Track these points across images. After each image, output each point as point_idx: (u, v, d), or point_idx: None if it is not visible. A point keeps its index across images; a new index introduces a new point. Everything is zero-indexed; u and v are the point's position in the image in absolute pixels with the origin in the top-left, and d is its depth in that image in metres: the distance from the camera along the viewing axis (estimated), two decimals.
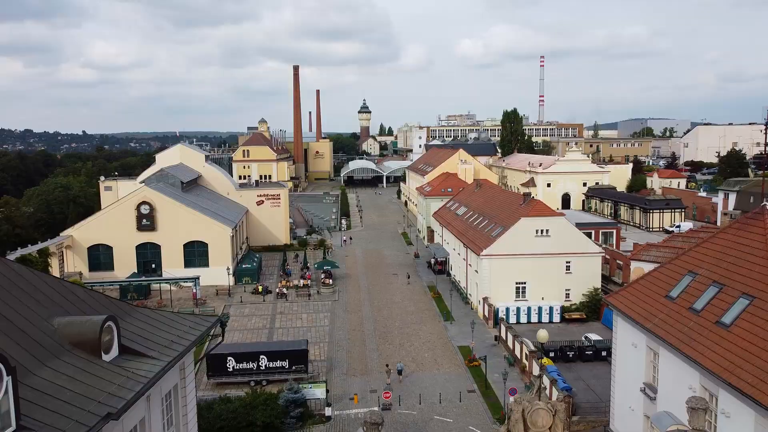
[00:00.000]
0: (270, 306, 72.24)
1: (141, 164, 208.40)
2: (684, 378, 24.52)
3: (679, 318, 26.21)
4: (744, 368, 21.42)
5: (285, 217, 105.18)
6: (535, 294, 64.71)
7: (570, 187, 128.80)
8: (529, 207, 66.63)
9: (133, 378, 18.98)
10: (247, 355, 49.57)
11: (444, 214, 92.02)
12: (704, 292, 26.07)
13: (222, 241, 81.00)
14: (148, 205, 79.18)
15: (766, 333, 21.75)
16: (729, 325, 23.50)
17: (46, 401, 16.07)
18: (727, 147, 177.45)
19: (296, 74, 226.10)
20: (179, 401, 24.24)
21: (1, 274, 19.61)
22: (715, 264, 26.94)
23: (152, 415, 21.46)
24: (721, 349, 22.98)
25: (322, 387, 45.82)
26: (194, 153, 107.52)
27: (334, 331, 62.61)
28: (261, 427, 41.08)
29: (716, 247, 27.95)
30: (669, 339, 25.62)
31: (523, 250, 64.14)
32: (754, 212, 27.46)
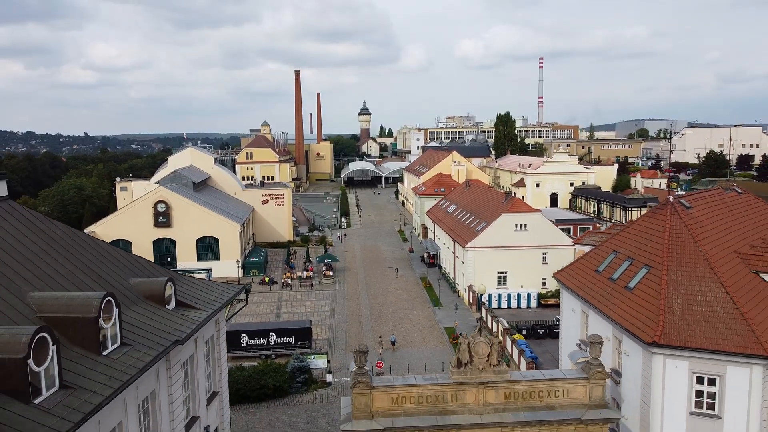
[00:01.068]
0: (276, 294, 79.63)
1: (148, 166, 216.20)
2: (603, 331, 31.79)
3: (602, 286, 33.47)
4: (637, 318, 28.68)
5: (288, 215, 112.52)
6: (515, 282, 72.04)
7: (558, 187, 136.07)
8: (509, 204, 74.03)
9: (189, 321, 26.39)
10: (258, 333, 56.92)
11: (436, 211, 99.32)
12: (620, 265, 33.31)
13: (231, 237, 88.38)
14: (164, 204, 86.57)
15: (655, 292, 28.99)
16: (633, 288, 30.72)
17: (136, 330, 23.46)
18: (714, 148, 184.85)
19: (298, 79, 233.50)
20: (215, 347, 31.70)
21: (92, 247, 27.07)
22: (631, 244, 34.19)
23: (198, 354, 28.88)
24: (625, 306, 30.23)
25: (324, 357, 53.21)
26: (204, 155, 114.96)
27: (334, 316, 69.94)
28: (272, 390, 48.41)
29: (634, 231, 35.26)
30: (594, 303, 32.93)
31: (504, 242, 71.49)
32: (662, 204, 34.67)
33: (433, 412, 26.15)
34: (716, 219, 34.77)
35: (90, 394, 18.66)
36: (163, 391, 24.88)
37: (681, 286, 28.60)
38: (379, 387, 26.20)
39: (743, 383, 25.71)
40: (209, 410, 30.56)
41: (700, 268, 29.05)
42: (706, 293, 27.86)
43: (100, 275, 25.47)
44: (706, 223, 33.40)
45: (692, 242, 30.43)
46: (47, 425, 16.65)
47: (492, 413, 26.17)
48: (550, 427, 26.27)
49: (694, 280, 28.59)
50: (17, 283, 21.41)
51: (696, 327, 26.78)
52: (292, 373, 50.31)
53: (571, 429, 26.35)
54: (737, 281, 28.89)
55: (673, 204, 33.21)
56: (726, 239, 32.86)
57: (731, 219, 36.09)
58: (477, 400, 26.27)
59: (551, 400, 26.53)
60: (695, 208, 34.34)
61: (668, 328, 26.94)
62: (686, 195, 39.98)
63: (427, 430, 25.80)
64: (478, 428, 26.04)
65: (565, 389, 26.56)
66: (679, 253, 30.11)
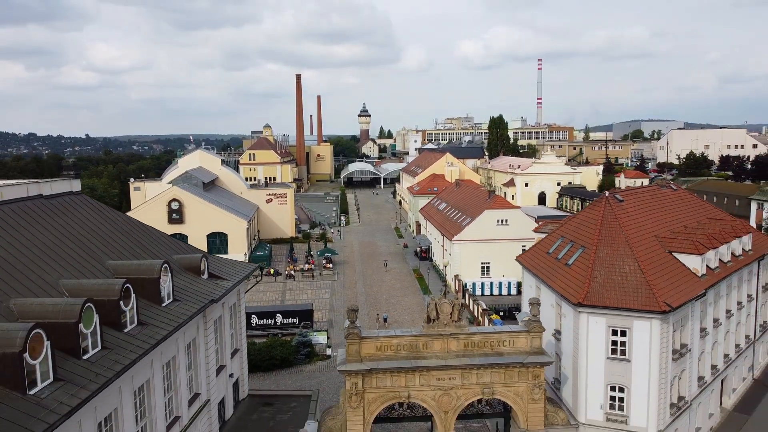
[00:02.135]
0: (281, 284, 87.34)
1: (153, 167, 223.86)
2: (550, 299, 39.47)
3: (550, 265, 41.05)
4: (571, 287, 36.29)
5: (291, 213, 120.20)
6: (497, 272, 79.65)
7: (545, 187, 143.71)
8: (492, 201, 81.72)
9: (219, 287, 34.12)
10: (266, 314, 64.64)
11: (428, 209, 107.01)
12: (564, 247, 40.87)
13: (239, 232, 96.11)
14: (178, 202, 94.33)
15: (585, 266, 36.53)
16: (571, 264, 38.31)
17: (182, 291, 31.14)
18: (700, 149, 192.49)
19: (299, 82, 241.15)
20: (236, 313, 39.46)
21: (144, 230, 34.84)
22: (574, 231, 41.76)
23: (224, 316, 36.61)
24: (564, 278, 37.82)
25: (324, 334, 60.92)
26: (211, 157, 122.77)
27: (334, 302, 77.61)
28: (279, 361, 56.06)
29: (577, 220, 42.89)
30: (543, 277, 40.56)
31: (486, 236, 79.15)
32: (599, 197, 42.23)
33: (409, 357, 33.77)
34: (645, 210, 42.45)
35: (152, 327, 26.37)
36: (201, 339, 32.66)
37: (605, 261, 36.28)
38: (366, 337, 33.87)
39: (645, 333, 33.38)
40: (233, 362, 38.35)
41: (622, 247, 36.71)
42: (623, 266, 35.52)
43: (153, 251, 33.29)
44: (634, 213, 41.07)
45: (618, 228, 38.09)
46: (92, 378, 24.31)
47: (454, 358, 33.81)
48: (500, 369, 33.90)
49: (616, 257, 36.26)
50: (98, 254, 29.19)
51: (612, 291, 34.46)
52: (297, 347, 57.96)
53: (515, 371, 33.97)
54: (650, 258, 36.56)
55: (608, 198, 40.90)
56: (650, 226, 40.55)
57: (659, 210, 43.79)
58: (442, 348, 33.91)
59: (500, 348, 34.16)
60: (627, 201, 42.00)
61: (591, 293, 34.63)
62: (622, 191, 47.65)
63: (404, 371, 33.46)
64: (443, 370, 33.69)
65: (511, 340, 34.19)
66: (607, 236, 37.78)
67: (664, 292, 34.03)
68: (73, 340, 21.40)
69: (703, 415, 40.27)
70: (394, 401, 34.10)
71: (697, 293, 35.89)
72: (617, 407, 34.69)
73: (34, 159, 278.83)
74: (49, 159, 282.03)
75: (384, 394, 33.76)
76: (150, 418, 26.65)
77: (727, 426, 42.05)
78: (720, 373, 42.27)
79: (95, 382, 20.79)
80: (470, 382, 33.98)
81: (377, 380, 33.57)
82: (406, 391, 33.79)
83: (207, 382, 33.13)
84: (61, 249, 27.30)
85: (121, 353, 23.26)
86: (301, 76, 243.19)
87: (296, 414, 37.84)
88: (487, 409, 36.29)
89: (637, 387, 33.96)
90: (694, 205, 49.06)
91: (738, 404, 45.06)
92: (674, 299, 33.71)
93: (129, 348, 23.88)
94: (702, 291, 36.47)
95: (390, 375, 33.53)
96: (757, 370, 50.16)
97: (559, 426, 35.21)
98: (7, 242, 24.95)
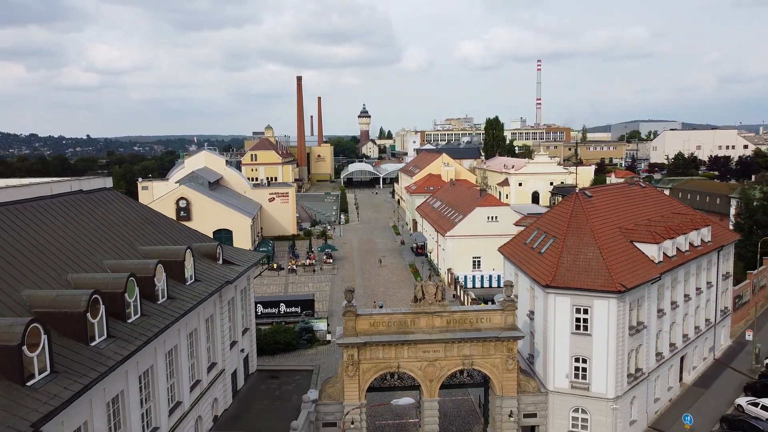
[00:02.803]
0: (283, 278, 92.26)
1: (157, 167, 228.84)
2: (525, 284, 44.39)
3: (527, 253, 45.93)
4: (542, 271, 41.14)
5: (292, 211, 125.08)
6: (488, 266, 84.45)
7: (539, 186, 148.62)
8: (482, 199, 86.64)
9: (233, 271, 39.05)
10: (271, 303, 69.51)
11: (424, 207, 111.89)
12: (539, 238, 45.75)
13: (243, 229, 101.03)
14: (185, 200, 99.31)
15: (555, 253, 41.45)
16: (543, 252, 43.19)
17: (202, 273, 36.06)
18: (692, 150, 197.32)
19: (299, 85, 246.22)
20: (247, 296, 44.39)
21: (167, 222, 39.81)
22: (548, 223, 46.62)
23: (236, 298, 41.55)
24: (537, 265, 42.67)
25: (324, 321, 65.80)
26: (216, 158, 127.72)
27: (333, 294, 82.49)
28: (283, 345, 60.88)
29: (551, 214, 47.79)
30: (520, 265, 45.46)
31: (477, 231, 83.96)
32: (571, 194, 47.07)
33: (398, 332, 38.65)
34: (611, 205, 47.35)
35: (179, 301, 31.28)
36: (218, 316, 37.62)
37: (572, 249, 41.16)
38: (361, 315, 38.77)
39: (604, 311, 38.26)
40: (243, 339, 43.34)
41: (587, 237, 41.59)
42: (587, 253, 40.40)
43: (175, 239, 38.23)
44: (602, 208, 45.96)
45: (585, 220, 42.96)
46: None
47: (438, 333, 38.69)
48: (478, 343, 38.79)
49: (581, 245, 41.13)
50: (130, 241, 34.15)
51: (576, 275, 39.35)
52: (299, 332, 62.82)
53: (491, 344, 38.86)
54: (611, 246, 41.45)
55: (578, 194, 45.81)
56: (615, 219, 45.44)
57: (626, 205, 48.70)
58: (428, 324, 38.81)
59: (479, 324, 39.03)
60: (596, 197, 46.91)
61: (558, 276, 39.52)
62: (592, 188, 52.56)
63: (394, 344, 38.34)
64: (428, 343, 38.59)
65: (488, 317, 39.08)
66: (575, 227, 42.65)
67: (622, 275, 38.92)
68: (119, 306, 26.32)
69: (662, 387, 45.14)
70: (386, 371, 39.00)
71: (652, 277, 40.78)
72: (581, 376, 39.57)
73: (40, 159, 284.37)
74: (54, 160, 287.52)
75: (377, 364, 38.66)
76: (177, 378, 31.58)
77: (685, 398, 46.90)
78: (679, 351, 47.12)
79: (140, 340, 25.73)
80: (452, 354, 38.88)
81: (371, 352, 38.48)
82: (396, 362, 38.70)
83: (222, 354, 38.05)
84: (102, 235, 32.24)
85: (155, 320, 28.19)
86: (301, 78, 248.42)
87: (299, 385, 42.76)
88: (468, 380, 41.26)
89: (597, 358, 38.84)
90: (661, 201, 53.95)
91: (697, 380, 49.92)
92: (629, 281, 38.60)
93: (162, 316, 28.82)
94: (657, 275, 41.35)
95: (382, 347, 38.43)
96: (719, 351, 55.01)
97: (531, 393, 40.16)
98: (60, 229, 29.90)
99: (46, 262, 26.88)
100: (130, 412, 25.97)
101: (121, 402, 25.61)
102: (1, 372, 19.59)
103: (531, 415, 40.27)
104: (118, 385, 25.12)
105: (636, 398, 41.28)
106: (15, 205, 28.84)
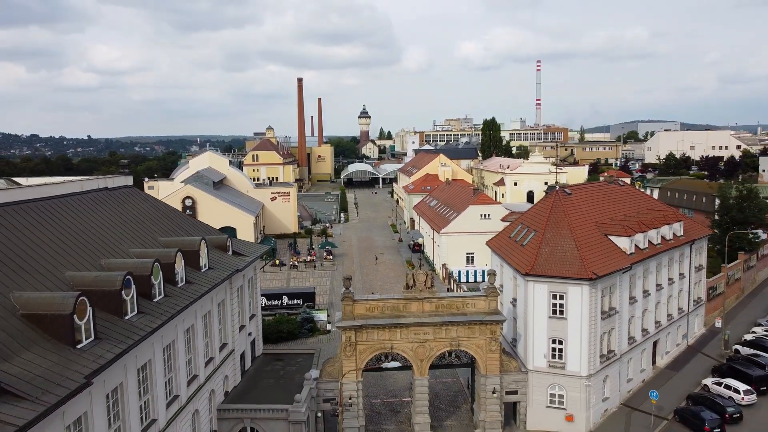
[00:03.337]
0: (285, 273, 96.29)
1: (161, 168, 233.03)
2: (509, 274, 48.38)
3: (511, 247, 49.90)
4: (523, 261, 45.11)
5: (294, 210, 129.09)
6: (481, 261, 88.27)
7: (533, 186, 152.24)
8: (476, 198, 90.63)
9: (242, 261, 43.07)
10: (274, 296, 73.52)
11: (421, 206, 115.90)
12: (522, 232, 49.74)
13: (247, 227, 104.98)
14: (191, 199, 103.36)
15: (535, 245, 45.33)
16: (525, 245, 47.18)
17: (214, 261, 40.07)
18: (686, 150, 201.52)
19: (300, 86, 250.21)
20: (254, 284, 48.40)
21: (182, 216, 43.82)
22: (530, 218, 50.61)
23: (244, 286, 45.56)
24: (519, 256, 46.63)
25: (324, 312, 69.85)
26: (220, 158, 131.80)
27: (333, 288, 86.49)
28: (286, 334, 64.92)
29: (534, 210, 51.82)
30: (504, 257, 49.45)
31: (471, 228, 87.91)
32: (551, 192, 51.05)
33: (392, 316, 42.65)
34: (589, 202, 51.38)
35: (196, 285, 35.29)
36: (228, 301, 41.63)
37: (550, 241, 45.16)
38: (358, 300, 42.78)
39: (578, 297, 42.25)
40: (250, 324, 47.32)
41: (564, 230, 45.58)
42: (563, 245, 44.38)
43: (190, 231, 42.27)
44: (580, 204, 49.98)
45: (563, 215, 46.95)
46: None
47: (427, 317, 42.68)
48: (464, 326, 42.77)
49: (559, 238, 45.12)
50: (151, 232, 38.17)
51: (553, 264, 43.34)
52: (301, 322, 66.85)
53: (476, 327, 42.84)
54: (586, 238, 45.45)
55: (557, 192, 49.82)
56: (592, 214, 49.45)
57: (603, 202, 52.73)
58: (418, 309, 42.80)
59: (465, 309, 43.02)
60: (575, 194, 50.93)
61: (536, 265, 43.53)
62: (572, 186, 56.58)
63: (388, 327, 42.34)
64: (419, 326, 42.58)
65: (473, 302, 43.08)
66: (553, 222, 46.65)
67: (594, 264, 42.92)
68: (147, 286, 30.34)
69: (635, 368, 49.13)
70: (380, 351, 43.01)
71: (623, 267, 44.80)
72: (557, 356, 43.56)
73: (44, 160, 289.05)
74: (57, 160, 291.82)
75: (372, 345, 42.69)
76: (194, 353, 35.59)
77: (657, 379, 50.88)
78: (651, 336, 51.13)
79: (165, 316, 29.75)
80: (440, 336, 42.89)
81: (367, 334, 42.49)
82: (390, 343, 42.72)
83: (232, 335, 42.06)
84: (126, 226, 36.29)
85: (177, 300, 32.19)
86: (302, 80, 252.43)
87: (302, 366, 46.70)
88: (456, 361, 45.26)
89: (572, 340, 42.84)
90: (638, 198, 57.96)
91: (670, 363, 53.92)
92: (601, 270, 42.61)
93: (182, 297, 32.83)
94: (628, 265, 45.37)
95: (377, 330, 42.45)
96: (692, 338, 59.00)
97: (512, 372, 44.16)
98: (92, 220, 33.95)
99: (83, 249, 30.90)
100: (156, 379, 29.96)
101: (149, 369, 29.59)
102: (56, 336, 23.57)
103: (512, 392, 44.27)
104: (147, 354, 29.10)
105: (609, 377, 45.29)
106: (54, 200, 32.86)
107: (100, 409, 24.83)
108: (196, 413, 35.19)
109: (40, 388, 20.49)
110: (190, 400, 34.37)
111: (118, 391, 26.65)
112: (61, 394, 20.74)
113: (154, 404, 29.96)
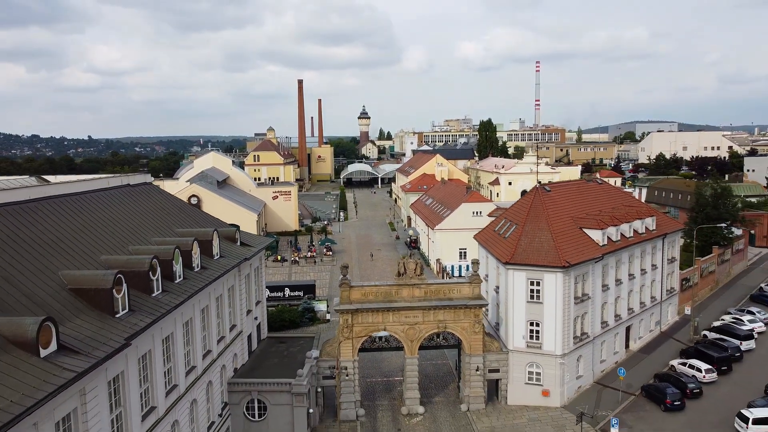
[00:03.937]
0: (287, 268, 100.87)
1: (163, 168, 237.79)
2: (493, 264, 52.95)
3: (495, 239, 54.43)
4: (504, 252, 49.62)
5: (295, 208, 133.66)
6: (472, 256, 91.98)
7: (527, 185, 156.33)
8: (468, 196, 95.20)
9: (250, 251, 47.61)
10: (276, 288, 78.07)
11: (418, 204, 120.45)
12: (505, 226, 54.31)
13: (249, 224, 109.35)
14: (196, 197, 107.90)
15: (515, 237, 49.76)
16: (507, 237, 51.72)
17: (224, 251, 44.60)
18: (678, 151, 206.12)
19: (300, 88, 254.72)
20: (259, 273, 52.97)
21: (195, 211, 48.38)
22: (513, 213, 55.15)
23: (251, 274, 50.10)
24: (501, 247, 51.16)
25: (324, 303, 74.40)
26: (223, 158, 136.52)
27: (332, 282, 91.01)
28: (288, 322, 69.43)
29: (517, 206, 56.39)
30: (489, 248, 53.99)
31: (464, 225, 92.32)
32: (532, 189, 55.57)
33: (385, 300, 47.20)
34: (568, 198, 55.92)
35: (209, 270, 39.87)
36: (237, 286, 46.17)
37: (529, 233, 49.70)
38: (354, 286, 47.34)
39: (552, 283, 46.78)
40: (256, 309, 51.86)
41: (542, 224, 50.12)
42: (541, 237, 48.92)
43: (202, 224, 46.83)
44: (558, 200, 54.51)
45: (542, 210, 51.48)
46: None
47: (417, 301, 47.24)
48: (450, 310, 47.29)
49: (537, 230, 49.66)
50: (169, 224, 42.71)
51: (531, 253, 47.89)
52: (302, 312, 71.40)
53: (461, 311, 47.36)
54: (562, 231, 49.98)
55: (538, 189, 54.37)
56: (569, 210, 53.99)
57: (580, 199, 57.27)
58: (409, 294, 47.36)
59: (451, 294, 47.56)
60: (554, 191, 55.47)
61: (516, 255, 48.07)
62: (552, 183, 61.13)
63: (381, 310, 46.88)
64: (409, 310, 47.13)
65: (458, 288, 47.62)
66: (533, 216, 51.18)
67: (568, 254, 47.47)
68: (169, 269, 34.88)
69: (608, 350, 53.67)
70: (375, 332, 47.52)
71: (594, 256, 49.35)
72: (534, 337, 48.09)
73: (47, 160, 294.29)
74: (61, 161, 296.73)
75: (367, 327, 47.23)
76: (208, 331, 40.14)
77: (629, 360, 55.39)
78: (624, 321, 55.67)
79: (185, 295, 34.28)
80: (429, 319, 47.42)
81: (362, 317, 47.04)
82: (383, 325, 47.26)
83: (241, 318, 46.59)
84: (148, 219, 40.86)
85: (194, 282, 36.73)
86: (302, 81, 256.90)
87: (303, 347, 51.25)
88: (444, 343, 49.85)
89: (547, 322, 47.36)
90: (614, 195, 62.53)
91: (643, 347, 58.45)
92: (574, 259, 47.16)
93: (199, 279, 37.38)
94: (600, 255, 49.91)
95: (371, 313, 46.98)
96: (665, 325, 63.50)
97: (494, 352, 48.71)
98: (117, 214, 38.51)
99: (113, 236, 35.45)
100: (177, 350, 34.50)
101: (172, 341, 34.12)
102: (99, 307, 28.09)
103: (494, 370, 48.82)
104: (170, 327, 33.62)
105: (582, 357, 49.83)
106: (85, 195, 37.40)
107: (134, 369, 29.37)
108: (210, 384, 39.73)
109: (90, 346, 25.04)
110: (205, 372, 38.91)
111: (147, 357, 31.18)
112: (107, 351, 25.29)
113: (175, 372, 34.50)
